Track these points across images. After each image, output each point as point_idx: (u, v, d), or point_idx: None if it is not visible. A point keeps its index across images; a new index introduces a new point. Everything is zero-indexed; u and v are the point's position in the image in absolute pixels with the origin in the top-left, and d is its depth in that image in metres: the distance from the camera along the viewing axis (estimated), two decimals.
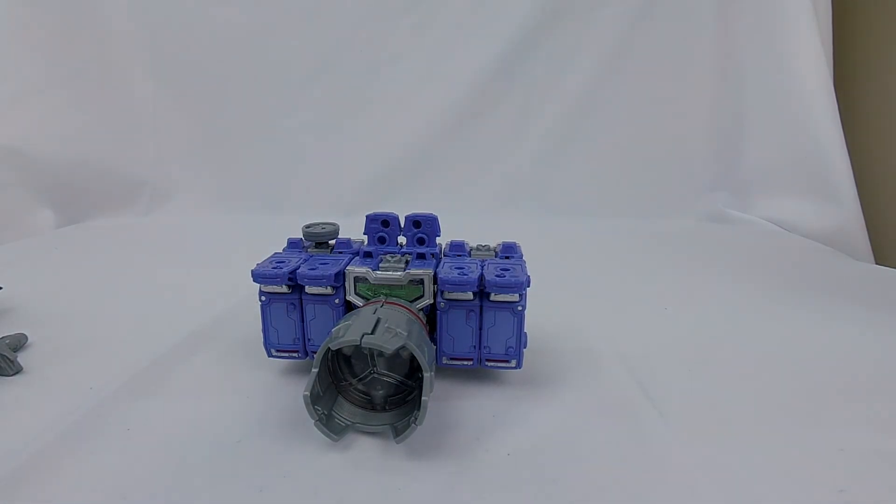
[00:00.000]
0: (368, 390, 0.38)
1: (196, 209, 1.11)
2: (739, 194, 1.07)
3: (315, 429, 0.34)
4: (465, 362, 0.42)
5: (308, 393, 0.33)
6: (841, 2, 1.01)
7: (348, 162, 1.12)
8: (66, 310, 0.59)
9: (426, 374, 0.33)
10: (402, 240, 0.43)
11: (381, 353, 0.37)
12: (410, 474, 0.33)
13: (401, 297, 0.40)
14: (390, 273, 0.40)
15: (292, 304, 0.41)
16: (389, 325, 0.34)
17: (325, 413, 0.36)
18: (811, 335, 0.54)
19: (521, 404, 0.41)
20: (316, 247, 0.46)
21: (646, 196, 1.09)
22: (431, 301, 0.40)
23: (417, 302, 0.40)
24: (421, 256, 0.41)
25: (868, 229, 0.92)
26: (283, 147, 1.13)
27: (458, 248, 0.45)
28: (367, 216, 0.43)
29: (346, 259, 0.43)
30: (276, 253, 0.45)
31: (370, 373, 0.38)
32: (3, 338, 0.47)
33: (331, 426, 0.35)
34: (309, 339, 0.42)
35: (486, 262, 0.42)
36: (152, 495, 0.31)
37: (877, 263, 0.88)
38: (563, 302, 0.60)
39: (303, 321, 0.42)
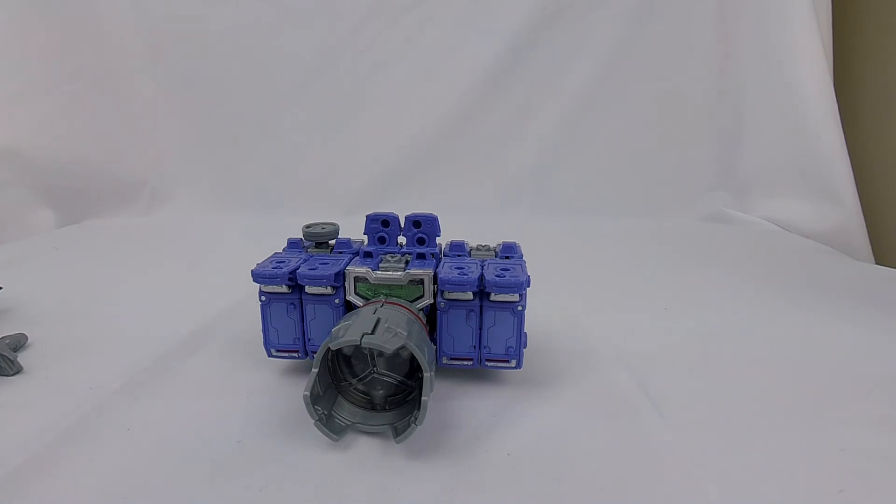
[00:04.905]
0: (368, 390, 0.38)
1: (196, 209, 1.11)
2: (739, 194, 1.07)
3: (315, 429, 0.34)
4: (465, 362, 0.42)
5: (308, 393, 0.33)
6: (841, 2, 1.01)
7: (348, 162, 1.12)
8: (66, 310, 0.59)
9: (426, 374, 0.33)
10: (402, 240, 0.43)
11: (381, 353, 0.37)
12: (410, 474, 0.33)
13: (401, 297, 0.40)
14: (390, 273, 0.40)
15: (292, 304, 0.42)
16: (389, 325, 0.34)
17: (326, 413, 0.36)
18: (811, 335, 0.54)
19: (521, 404, 0.41)
20: (316, 247, 0.46)
21: (646, 196, 1.09)
22: (431, 301, 0.40)
23: (417, 302, 0.40)
24: (421, 256, 0.41)
25: (868, 229, 0.92)
26: (283, 147, 1.13)
27: (458, 248, 0.45)
28: (367, 216, 0.43)
29: (346, 259, 0.43)
30: (276, 253, 0.45)
31: (370, 373, 0.38)
32: (3, 338, 0.47)
33: (331, 426, 0.35)
34: (309, 339, 0.42)
35: (486, 262, 0.42)
36: (152, 495, 0.31)
37: (877, 263, 0.88)
38: (563, 302, 0.61)
39: (303, 321, 0.42)
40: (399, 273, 0.40)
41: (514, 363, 0.41)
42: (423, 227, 0.42)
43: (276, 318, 0.42)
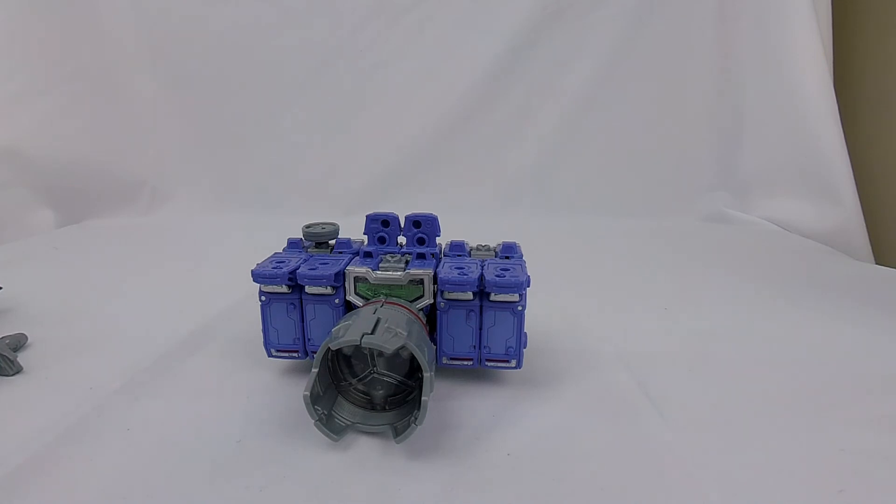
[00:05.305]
0: (368, 390, 0.38)
1: (196, 209, 1.11)
2: (739, 194, 1.07)
3: (315, 429, 0.34)
4: (465, 362, 0.42)
5: (308, 393, 0.33)
6: (841, 2, 1.01)
7: (348, 162, 1.12)
8: (66, 309, 0.59)
9: (426, 374, 0.33)
10: (402, 240, 0.43)
11: (381, 353, 0.37)
12: (410, 474, 0.33)
13: (401, 297, 0.40)
14: (390, 273, 0.40)
15: (292, 304, 0.41)
16: (389, 325, 0.34)
17: (326, 413, 0.36)
18: (811, 335, 0.54)
19: (521, 404, 0.41)
20: (316, 247, 0.46)
21: (646, 196, 1.09)
22: (431, 301, 0.40)
23: (417, 302, 0.40)
24: (421, 256, 0.41)
25: (868, 229, 0.92)
26: (282, 147, 1.13)
27: (458, 248, 0.45)
28: (367, 216, 0.43)
29: (346, 259, 0.43)
30: (276, 253, 0.45)
31: (370, 373, 0.38)
32: (3, 338, 0.47)
33: (331, 426, 0.35)
34: (309, 339, 0.42)
35: (486, 262, 0.42)
36: (152, 495, 0.31)
37: (877, 263, 0.88)
38: (563, 302, 0.61)
39: (303, 321, 0.42)
40: (399, 273, 0.40)
41: (514, 363, 0.41)
42: (423, 227, 0.42)
43: (276, 318, 0.42)
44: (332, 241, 0.46)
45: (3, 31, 1.00)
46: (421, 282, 0.40)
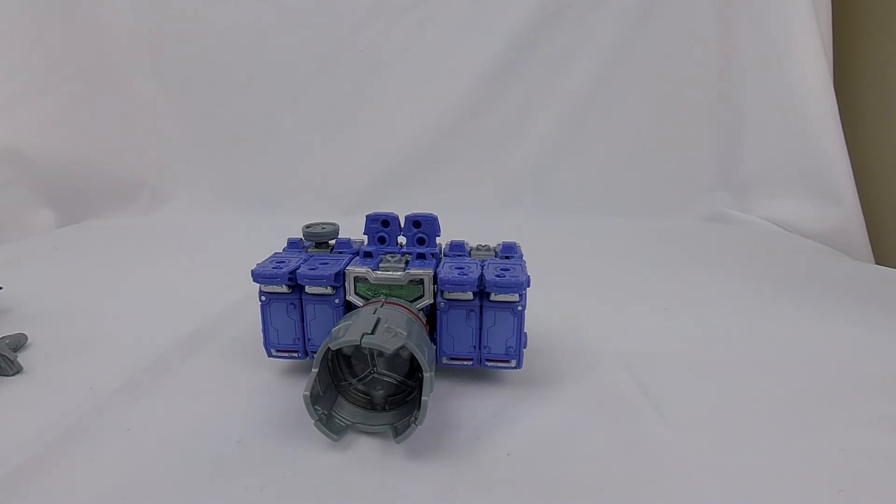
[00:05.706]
0: (368, 390, 0.38)
1: (196, 209, 1.11)
2: (739, 194, 1.07)
3: (315, 429, 0.34)
4: (465, 362, 0.42)
5: (308, 393, 0.33)
6: (841, 2, 1.01)
7: (348, 162, 1.12)
8: (66, 309, 0.59)
9: (426, 374, 0.33)
10: (402, 240, 0.43)
11: (381, 353, 0.37)
12: (410, 474, 0.33)
13: (401, 297, 0.40)
14: (390, 273, 0.40)
15: (292, 304, 0.42)
16: (389, 325, 0.34)
17: (326, 413, 0.36)
18: (811, 335, 0.54)
19: (521, 404, 0.41)
20: (316, 247, 0.46)
21: (646, 196, 1.09)
22: (431, 301, 0.40)
23: (417, 302, 0.40)
24: (421, 256, 0.41)
25: (868, 229, 0.92)
26: (283, 147, 1.13)
27: (458, 248, 0.45)
28: (367, 216, 0.43)
29: (346, 259, 0.43)
30: (276, 253, 0.45)
31: (370, 373, 0.38)
32: (3, 338, 0.47)
33: (331, 426, 0.35)
34: (309, 339, 0.42)
35: (486, 262, 0.42)
36: (152, 495, 0.31)
37: (877, 263, 0.88)
38: (563, 302, 0.60)
39: (303, 321, 0.42)
40: (399, 273, 0.40)
41: (514, 363, 0.41)
42: (423, 227, 0.42)
43: (276, 318, 0.42)
44: (332, 241, 0.46)
45: (3, 31, 1.00)
46: (421, 282, 0.40)
